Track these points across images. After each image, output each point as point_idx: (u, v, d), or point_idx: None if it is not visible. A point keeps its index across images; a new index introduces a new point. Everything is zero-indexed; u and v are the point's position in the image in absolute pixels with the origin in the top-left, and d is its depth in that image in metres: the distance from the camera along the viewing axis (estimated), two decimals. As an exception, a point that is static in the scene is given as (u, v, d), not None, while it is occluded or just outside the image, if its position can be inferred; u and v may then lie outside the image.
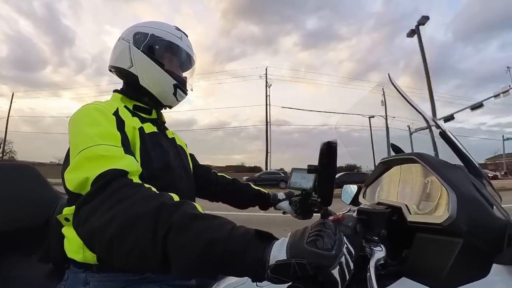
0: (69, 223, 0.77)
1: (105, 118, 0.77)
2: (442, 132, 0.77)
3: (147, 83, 0.93)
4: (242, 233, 0.50)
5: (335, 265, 0.44)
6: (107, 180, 0.61)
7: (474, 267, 0.57)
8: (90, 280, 0.76)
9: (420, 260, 0.63)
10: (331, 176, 0.67)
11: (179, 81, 0.97)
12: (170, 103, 1.01)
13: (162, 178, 0.84)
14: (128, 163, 0.67)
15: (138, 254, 0.51)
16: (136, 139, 0.82)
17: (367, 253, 0.59)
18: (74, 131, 0.74)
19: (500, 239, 0.57)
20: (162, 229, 0.51)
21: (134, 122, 0.85)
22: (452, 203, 0.60)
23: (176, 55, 0.99)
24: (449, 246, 0.58)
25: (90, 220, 0.56)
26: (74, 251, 0.77)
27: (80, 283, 0.76)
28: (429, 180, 0.74)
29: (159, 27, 0.98)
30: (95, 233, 0.55)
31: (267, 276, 0.46)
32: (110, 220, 0.54)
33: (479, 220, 0.59)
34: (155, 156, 0.85)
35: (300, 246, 0.46)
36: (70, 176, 0.65)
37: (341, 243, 0.47)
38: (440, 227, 0.59)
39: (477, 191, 0.63)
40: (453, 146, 0.75)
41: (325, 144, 0.63)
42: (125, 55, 0.94)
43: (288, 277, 0.46)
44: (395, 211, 0.72)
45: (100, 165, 0.63)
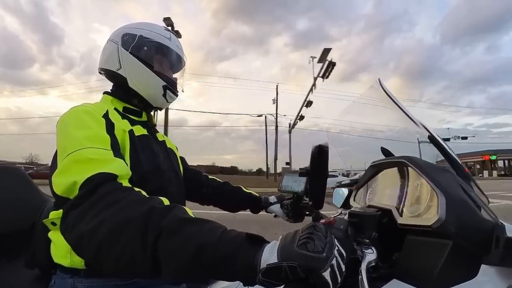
0: (56, 228, 0.75)
1: (94, 120, 0.76)
2: (430, 136, 0.78)
3: (136, 85, 0.93)
4: (233, 237, 0.49)
5: (326, 268, 0.44)
6: (96, 184, 0.60)
7: (463, 268, 0.58)
8: (78, 286, 0.75)
9: (411, 262, 0.63)
10: (322, 179, 0.67)
11: (168, 82, 0.96)
12: (160, 105, 1.00)
13: (152, 181, 0.83)
14: (117, 166, 0.66)
15: (128, 259, 0.51)
16: (126, 142, 0.81)
17: (358, 256, 0.60)
18: (62, 133, 0.72)
19: (488, 240, 0.58)
20: (152, 233, 0.50)
21: (124, 125, 0.84)
22: (441, 205, 0.61)
23: (165, 56, 0.98)
24: (439, 248, 0.59)
25: (79, 225, 0.55)
26: (61, 256, 0.75)
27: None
28: (419, 183, 0.75)
29: (148, 28, 0.97)
30: (84, 238, 0.54)
31: (258, 280, 0.46)
32: (99, 225, 0.53)
33: (468, 222, 0.60)
34: (145, 159, 0.84)
35: (291, 249, 0.46)
36: (58, 180, 0.63)
37: (332, 245, 0.47)
38: (430, 229, 0.60)
39: (465, 193, 0.64)
40: (441, 150, 0.76)
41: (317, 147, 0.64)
42: (113, 57, 0.93)
43: (280, 281, 0.45)
44: (386, 214, 0.73)
45: (88, 168, 0.62)
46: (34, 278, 0.90)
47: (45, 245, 0.80)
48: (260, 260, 0.46)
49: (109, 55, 0.94)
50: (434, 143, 0.78)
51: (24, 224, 0.96)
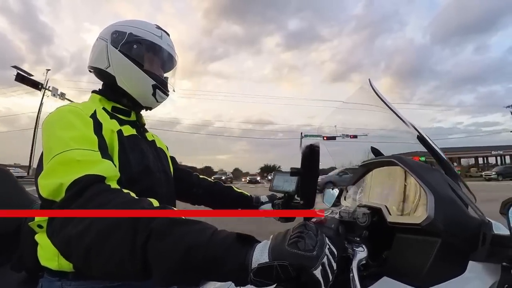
0: (42, 230, 0.73)
1: (81, 121, 0.74)
2: (419, 136, 0.79)
3: (125, 83, 0.91)
4: (223, 237, 0.49)
5: (317, 266, 0.45)
6: (83, 186, 0.58)
7: (452, 264, 0.59)
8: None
9: (401, 260, 0.64)
10: (313, 178, 0.67)
11: (158, 82, 0.94)
12: (150, 105, 0.98)
13: (141, 182, 0.82)
14: (105, 168, 0.65)
15: (117, 262, 0.50)
16: (114, 142, 0.79)
17: (349, 254, 0.60)
18: (48, 134, 0.70)
19: (475, 237, 0.59)
20: (142, 235, 0.49)
21: (112, 125, 0.82)
22: (430, 204, 0.62)
23: (156, 54, 0.96)
24: (428, 245, 0.60)
25: (66, 229, 0.54)
26: (48, 259, 0.74)
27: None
28: (408, 182, 0.76)
29: (138, 25, 0.95)
30: (72, 242, 0.53)
31: (250, 279, 0.46)
32: (87, 228, 0.52)
33: (456, 220, 0.61)
34: (133, 159, 0.82)
35: (281, 248, 0.46)
36: (44, 182, 0.62)
37: (323, 244, 0.48)
38: (419, 227, 0.61)
39: (453, 192, 0.66)
40: (430, 149, 0.78)
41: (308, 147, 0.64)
42: (102, 55, 0.91)
43: (271, 280, 0.45)
44: (376, 213, 0.74)
45: (75, 170, 0.60)
46: (21, 281, 0.89)
47: (32, 247, 0.78)
48: (251, 260, 0.46)
49: (98, 53, 0.92)
50: (423, 142, 0.79)
51: (10, 226, 0.94)
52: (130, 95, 0.92)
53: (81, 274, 0.73)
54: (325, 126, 1.19)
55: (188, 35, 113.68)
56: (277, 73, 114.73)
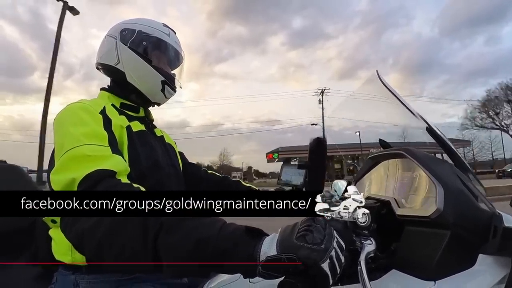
0: (56, 225, 0.75)
1: (91, 117, 0.75)
2: (428, 128, 0.78)
3: (135, 79, 0.92)
4: (232, 230, 0.50)
5: (324, 259, 0.45)
6: (94, 181, 0.60)
7: (461, 257, 0.59)
8: (80, 282, 0.75)
9: (409, 252, 0.64)
10: (321, 171, 0.67)
11: (167, 78, 0.96)
12: (159, 100, 1.00)
13: (150, 177, 0.83)
14: (115, 162, 0.66)
15: (128, 254, 0.51)
16: (124, 138, 0.81)
17: (357, 247, 0.60)
18: (59, 131, 0.72)
19: (485, 230, 0.59)
20: (152, 229, 0.50)
21: (121, 121, 0.83)
22: (439, 196, 0.61)
23: (163, 51, 0.98)
24: (437, 238, 0.60)
25: (78, 223, 0.55)
26: (62, 253, 0.76)
27: (69, 285, 0.75)
28: (417, 174, 0.76)
29: (147, 23, 0.96)
30: (84, 235, 0.54)
31: (258, 272, 0.47)
32: (99, 222, 0.53)
33: (466, 212, 0.60)
34: (143, 154, 0.84)
35: (290, 241, 0.46)
36: (56, 177, 0.63)
37: (331, 237, 0.48)
38: (428, 219, 0.61)
39: (463, 184, 0.65)
40: (439, 141, 0.77)
41: (315, 140, 0.64)
42: (111, 52, 0.92)
43: (279, 272, 0.46)
44: (384, 205, 0.73)
45: (86, 165, 0.62)
46: (37, 275, 0.91)
47: (46, 242, 0.80)
48: (259, 252, 0.46)
49: (108, 50, 0.93)
50: (432, 134, 0.78)
51: (24, 222, 0.97)
52: (139, 91, 0.94)
53: (95, 268, 0.75)
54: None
55: (193, 38, 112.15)
56: (284, 72, 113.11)
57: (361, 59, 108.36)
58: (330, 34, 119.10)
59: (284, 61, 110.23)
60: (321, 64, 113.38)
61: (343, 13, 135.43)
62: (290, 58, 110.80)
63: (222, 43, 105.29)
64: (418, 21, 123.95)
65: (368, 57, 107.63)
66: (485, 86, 73.98)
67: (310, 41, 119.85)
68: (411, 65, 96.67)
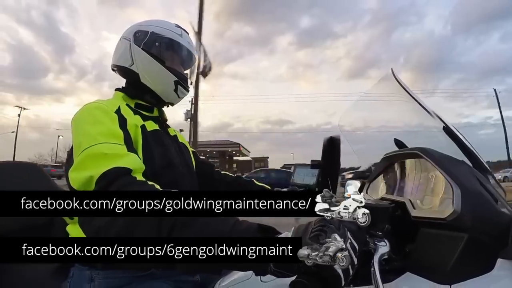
0: (73, 221, 0.77)
1: (107, 116, 0.78)
2: (446, 127, 0.76)
3: (148, 80, 0.94)
4: (245, 227, 0.50)
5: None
6: (111, 178, 0.61)
7: (479, 262, 0.57)
8: (95, 277, 0.77)
9: (424, 255, 0.62)
10: (334, 171, 0.67)
11: (180, 78, 0.97)
12: (172, 100, 1.01)
13: (164, 176, 0.84)
14: (131, 160, 0.68)
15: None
16: (138, 137, 0.82)
17: (371, 248, 0.59)
18: (77, 130, 0.74)
19: (505, 233, 0.57)
20: (166, 226, 0.51)
21: (136, 120, 0.85)
22: (456, 198, 0.59)
23: (176, 52, 0.99)
24: (453, 241, 0.58)
25: (96, 219, 0.57)
26: (78, 249, 0.77)
27: (85, 281, 0.77)
28: (433, 175, 0.74)
29: (159, 24, 0.98)
30: (100, 231, 0.56)
31: (270, 270, 0.47)
32: (115, 218, 0.54)
33: (484, 215, 0.58)
34: (157, 153, 0.85)
35: (303, 241, 0.46)
36: (74, 175, 0.65)
37: (344, 238, 0.47)
38: (445, 222, 0.59)
39: (481, 186, 0.63)
40: (457, 141, 0.75)
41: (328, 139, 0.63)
42: (126, 54, 0.94)
43: (291, 271, 0.46)
44: (399, 206, 0.72)
45: (103, 163, 0.64)
46: (53, 270, 0.93)
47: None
48: None
49: (122, 52, 0.96)
50: (450, 134, 0.76)
51: (42, 218, 0.99)
52: (153, 91, 0.95)
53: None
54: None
55: (202, 39, 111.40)
56: (293, 72, 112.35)
57: (371, 58, 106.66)
58: (338, 33, 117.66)
59: (292, 61, 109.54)
60: (330, 63, 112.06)
61: (351, 12, 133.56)
62: (298, 58, 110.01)
63: (230, 44, 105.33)
64: (430, 18, 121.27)
65: (379, 56, 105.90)
66: (502, 84, 71.62)
67: (318, 41, 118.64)
68: (423, 64, 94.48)
